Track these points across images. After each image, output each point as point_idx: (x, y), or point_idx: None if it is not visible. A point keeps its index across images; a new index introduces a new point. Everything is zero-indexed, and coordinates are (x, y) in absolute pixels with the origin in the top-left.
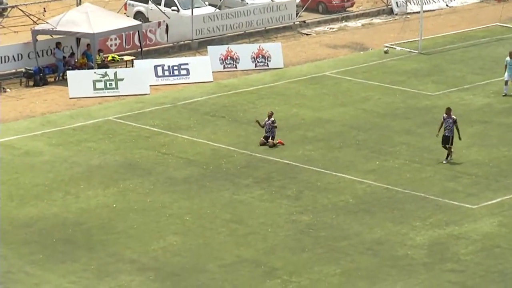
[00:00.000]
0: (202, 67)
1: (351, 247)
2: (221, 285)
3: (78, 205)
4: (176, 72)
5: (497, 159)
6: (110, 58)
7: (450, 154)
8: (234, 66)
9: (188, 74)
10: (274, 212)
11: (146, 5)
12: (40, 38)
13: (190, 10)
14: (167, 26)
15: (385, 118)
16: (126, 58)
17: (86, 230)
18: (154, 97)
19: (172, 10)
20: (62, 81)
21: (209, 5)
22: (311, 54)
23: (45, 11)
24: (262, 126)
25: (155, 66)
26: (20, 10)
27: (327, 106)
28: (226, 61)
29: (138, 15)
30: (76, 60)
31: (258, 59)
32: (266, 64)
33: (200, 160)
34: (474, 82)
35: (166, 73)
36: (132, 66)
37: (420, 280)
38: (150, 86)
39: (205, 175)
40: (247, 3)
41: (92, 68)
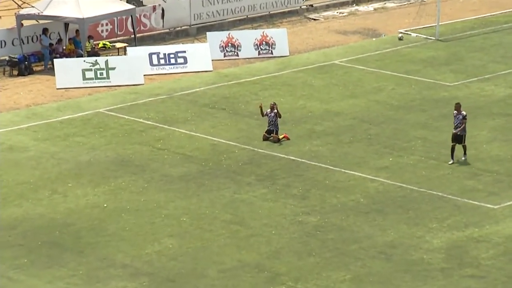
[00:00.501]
0: (201, 55)
1: (362, 251)
2: None
3: (66, 205)
4: (172, 60)
5: None
6: (101, 45)
7: (465, 150)
8: (236, 54)
9: (185, 62)
10: (278, 212)
11: None
12: (25, 23)
13: None
14: (163, 10)
15: (399, 111)
16: (118, 45)
17: (75, 232)
18: (148, 87)
19: None
20: (49, 70)
21: None
22: (319, 41)
23: None
24: (263, 115)
25: (150, 54)
26: None
27: (336, 97)
28: (227, 48)
29: None
30: (64, 47)
31: (261, 47)
32: (270, 51)
33: (198, 156)
34: (496, 72)
35: (162, 61)
36: (124, 54)
37: (436, 286)
38: (144, 75)
39: (203, 173)
40: None
41: (81, 56)
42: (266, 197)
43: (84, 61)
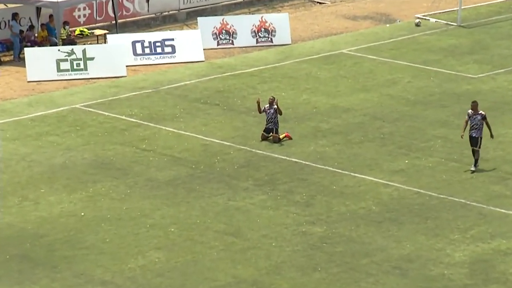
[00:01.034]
0: (191, 44)
1: (374, 266)
2: None
3: (38, 213)
4: (158, 49)
5: None
6: (77, 32)
7: (477, 159)
8: (231, 42)
9: (173, 52)
10: (279, 222)
11: None
12: None
13: None
14: None
15: (416, 106)
16: (98, 32)
17: (48, 245)
18: (131, 80)
19: None
20: (19, 60)
21: None
22: (325, 27)
23: None
24: (261, 112)
25: (133, 43)
26: None
27: (345, 91)
28: (221, 36)
29: None
30: (36, 34)
31: (259, 34)
32: (269, 39)
33: (188, 158)
34: None
35: (147, 51)
36: (104, 43)
37: None
38: (127, 66)
39: (194, 177)
40: None
41: (55, 44)
42: (265, 204)
43: (58, 50)
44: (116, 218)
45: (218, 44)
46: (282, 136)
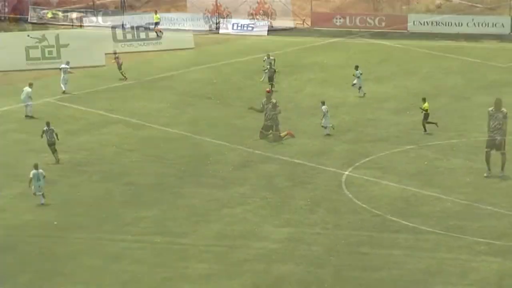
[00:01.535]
0: (180, 28)
1: (389, 281)
2: None
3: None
4: (142, 35)
5: None
6: (49, 15)
7: (504, 163)
8: (225, 26)
9: (159, 38)
10: (279, 231)
11: None
12: None
13: None
14: None
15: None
16: (73, 15)
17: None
18: (111, 70)
19: None
20: None
21: None
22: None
23: None
24: (261, 111)
25: (114, 27)
26: None
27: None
28: (213, 19)
29: None
30: (3, 17)
31: (257, 17)
32: (268, 23)
33: (176, 159)
34: None
35: (129, 36)
36: (80, 27)
37: None
38: (107, 54)
39: (183, 180)
40: None
41: (24, 29)
42: (263, 211)
43: (28, 36)
44: (90, 231)
45: (210, 28)
46: (283, 134)
